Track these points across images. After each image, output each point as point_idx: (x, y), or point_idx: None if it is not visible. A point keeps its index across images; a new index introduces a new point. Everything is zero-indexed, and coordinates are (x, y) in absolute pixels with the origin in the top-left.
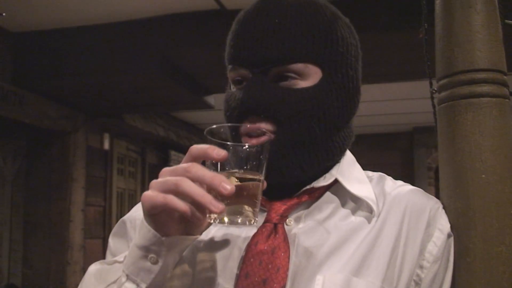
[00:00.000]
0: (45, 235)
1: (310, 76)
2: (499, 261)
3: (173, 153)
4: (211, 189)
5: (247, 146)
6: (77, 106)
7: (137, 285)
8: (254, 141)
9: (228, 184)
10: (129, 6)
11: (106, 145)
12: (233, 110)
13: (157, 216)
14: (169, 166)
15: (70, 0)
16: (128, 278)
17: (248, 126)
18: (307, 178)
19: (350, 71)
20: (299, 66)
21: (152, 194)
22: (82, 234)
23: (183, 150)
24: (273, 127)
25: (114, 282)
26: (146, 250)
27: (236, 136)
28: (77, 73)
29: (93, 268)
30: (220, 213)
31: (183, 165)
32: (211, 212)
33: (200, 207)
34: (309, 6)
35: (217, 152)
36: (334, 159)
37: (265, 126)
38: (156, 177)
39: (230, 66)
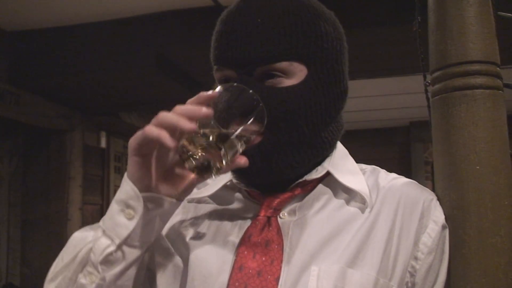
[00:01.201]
0: (43, 234)
1: (295, 74)
2: (494, 252)
3: None
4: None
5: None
6: (74, 105)
7: (112, 240)
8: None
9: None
10: (124, 4)
11: (103, 143)
12: (221, 112)
13: (142, 160)
14: None
15: None
16: (104, 233)
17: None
18: (298, 174)
19: (336, 66)
20: (283, 64)
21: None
22: None
23: None
24: (261, 128)
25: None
26: (124, 204)
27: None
28: (73, 72)
29: (76, 233)
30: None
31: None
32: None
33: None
34: (291, 3)
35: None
36: (324, 154)
37: (252, 127)
38: None
39: (215, 67)
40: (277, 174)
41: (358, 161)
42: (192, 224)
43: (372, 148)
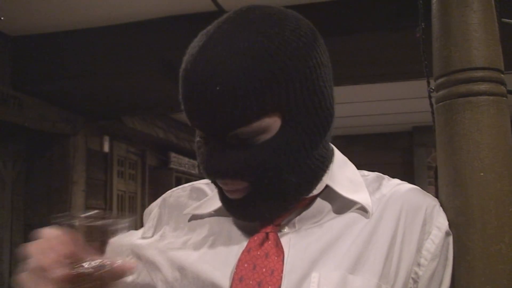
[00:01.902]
0: None
1: (268, 128)
2: (498, 259)
3: (173, 155)
4: None
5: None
6: (77, 109)
7: None
8: (232, 195)
9: None
10: (128, 8)
11: (106, 148)
12: (203, 172)
13: None
14: (170, 168)
15: (68, 4)
16: None
17: (226, 188)
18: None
19: (314, 97)
20: (253, 125)
21: None
22: None
23: (183, 152)
24: (245, 183)
25: None
26: None
27: (215, 184)
28: (77, 76)
29: None
30: None
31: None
32: None
33: None
34: (249, 54)
35: None
36: (318, 178)
37: (237, 185)
38: (156, 180)
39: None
40: (271, 217)
41: (360, 166)
42: (193, 243)
43: (374, 152)
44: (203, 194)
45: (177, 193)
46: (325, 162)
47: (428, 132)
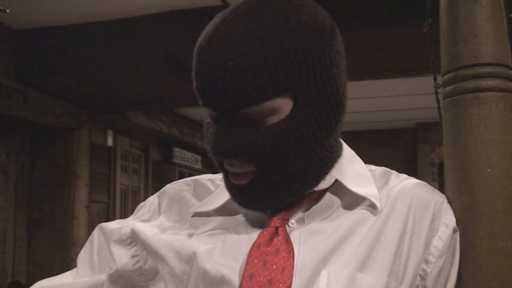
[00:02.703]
0: (49, 232)
1: (279, 109)
2: (504, 256)
3: (176, 150)
4: None
5: None
6: (81, 103)
7: None
8: (238, 180)
9: None
10: (133, 2)
11: (110, 142)
12: (209, 152)
13: None
14: (173, 162)
15: None
16: None
17: (230, 171)
18: (300, 195)
19: (327, 82)
20: (265, 105)
21: None
22: (86, 231)
23: (186, 146)
24: (253, 167)
25: None
26: None
27: (223, 169)
28: (81, 70)
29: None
30: None
31: None
32: None
33: None
34: (264, 31)
35: None
36: (326, 169)
37: (244, 168)
38: (159, 174)
39: (199, 101)
40: (277, 204)
41: (364, 162)
42: (200, 237)
43: (378, 149)
44: (207, 191)
45: (180, 186)
46: (334, 154)
47: (432, 129)
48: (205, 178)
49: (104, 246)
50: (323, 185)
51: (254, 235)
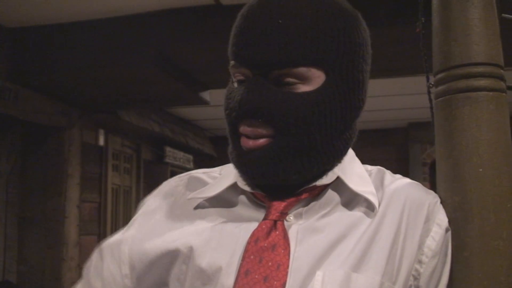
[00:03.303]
0: (40, 231)
1: (312, 80)
2: (496, 255)
3: (168, 149)
4: None
5: None
6: (72, 102)
7: None
8: (251, 142)
9: None
10: (124, 1)
11: (101, 141)
12: (231, 111)
13: None
14: (165, 162)
15: None
16: None
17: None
18: (304, 180)
19: (356, 73)
20: (300, 70)
21: None
22: (78, 231)
23: (178, 146)
24: (272, 131)
25: None
26: None
27: (235, 136)
28: (73, 69)
29: None
30: None
31: None
32: None
33: None
34: (314, 5)
35: None
36: (335, 162)
37: (262, 130)
38: (151, 174)
39: (232, 62)
40: (283, 179)
41: None
42: (197, 228)
43: (370, 148)
44: (202, 183)
45: (174, 182)
46: (343, 150)
47: (423, 129)
48: (199, 171)
49: (99, 265)
50: (325, 180)
51: (251, 228)
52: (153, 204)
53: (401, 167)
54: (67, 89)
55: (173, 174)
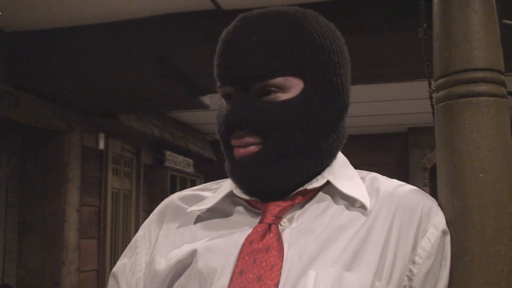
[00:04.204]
0: (40, 235)
1: (291, 88)
2: (497, 260)
3: (168, 153)
4: None
5: None
6: (72, 106)
7: None
8: (241, 151)
9: None
10: (125, 6)
11: (101, 145)
12: (221, 126)
13: None
14: (165, 166)
15: (65, 0)
16: None
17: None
18: (296, 183)
19: (334, 78)
20: (278, 80)
21: None
22: (77, 234)
23: (178, 150)
24: (259, 139)
25: None
26: None
27: (228, 149)
28: (73, 73)
29: None
30: None
31: None
32: None
33: None
34: (286, 20)
35: None
36: (323, 164)
37: (251, 139)
38: (151, 178)
39: (218, 83)
40: (274, 183)
41: (355, 166)
42: (194, 235)
43: (370, 153)
44: (198, 198)
45: (171, 200)
46: (331, 152)
47: (424, 134)
48: (194, 188)
49: None
50: (315, 184)
51: (247, 233)
52: (154, 225)
53: (401, 172)
54: (67, 93)
55: (173, 178)
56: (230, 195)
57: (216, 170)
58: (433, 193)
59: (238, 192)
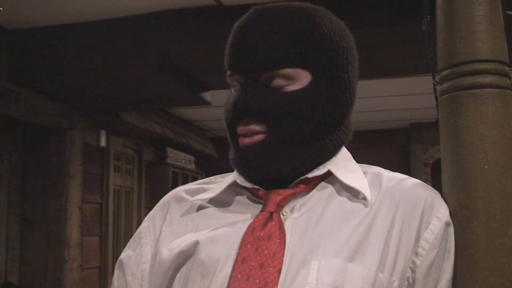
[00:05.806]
0: (42, 232)
1: (299, 80)
2: (502, 253)
3: (169, 150)
4: None
5: None
6: (74, 103)
7: None
8: (247, 139)
9: None
10: (126, 2)
11: (103, 142)
12: (228, 113)
13: None
14: (166, 163)
15: None
16: None
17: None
18: (299, 172)
19: (342, 73)
20: (287, 70)
21: None
22: (79, 232)
23: (180, 147)
24: (265, 128)
25: None
26: None
27: (234, 137)
28: (74, 70)
29: None
30: None
31: None
32: None
33: None
34: (298, 13)
35: None
36: (327, 156)
37: (256, 127)
38: (152, 175)
39: (228, 72)
40: (277, 172)
41: (357, 161)
42: (197, 224)
43: (371, 149)
44: (202, 190)
45: (175, 191)
46: (335, 146)
47: (425, 129)
48: (199, 182)
49: (123, 284)
50: (316, 172)
51: (248, 222)
52: (158, 217)
53: (402, 168)
54: (69, 90)
55: (174, 174)
56: (233, 185)
57: (218, 167)
58: (435, 189)
59: (241, 180)
